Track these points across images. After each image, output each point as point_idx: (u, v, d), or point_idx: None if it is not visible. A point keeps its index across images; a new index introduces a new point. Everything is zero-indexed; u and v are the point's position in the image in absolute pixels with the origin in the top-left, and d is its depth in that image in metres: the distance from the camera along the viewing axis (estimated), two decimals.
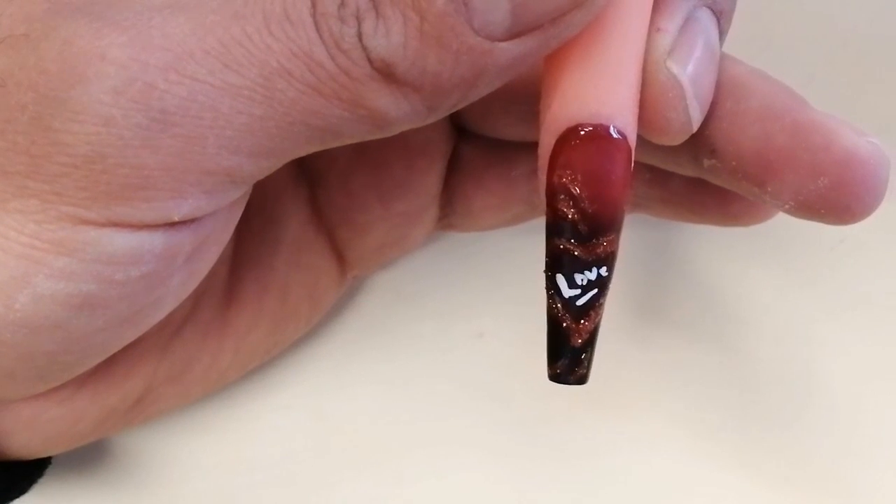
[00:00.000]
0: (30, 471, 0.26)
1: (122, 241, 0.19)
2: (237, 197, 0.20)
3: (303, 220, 0.28)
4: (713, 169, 0.22)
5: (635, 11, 0.20)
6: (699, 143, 0.22)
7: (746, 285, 0.30)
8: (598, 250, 0.20)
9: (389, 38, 0.18)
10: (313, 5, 0.18)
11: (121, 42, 0.18)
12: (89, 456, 0.29)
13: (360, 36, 0.18)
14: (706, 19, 0.21)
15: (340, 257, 0.29)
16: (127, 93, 0.18)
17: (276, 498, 0.30)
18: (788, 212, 0.22)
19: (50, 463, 0.26)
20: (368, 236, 0.28)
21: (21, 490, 0.25)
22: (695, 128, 0.21)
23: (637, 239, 0.30)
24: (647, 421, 0.30)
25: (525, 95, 0.24)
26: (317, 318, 0.29)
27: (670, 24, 0.21)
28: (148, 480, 0.30)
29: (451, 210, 0.29)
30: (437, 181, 0.28)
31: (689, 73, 0.20)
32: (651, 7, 0.20)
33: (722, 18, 0.22)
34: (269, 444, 0.30)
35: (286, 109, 0.18)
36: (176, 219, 0.19)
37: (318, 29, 0.18)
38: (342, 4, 0.18)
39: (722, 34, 0.22)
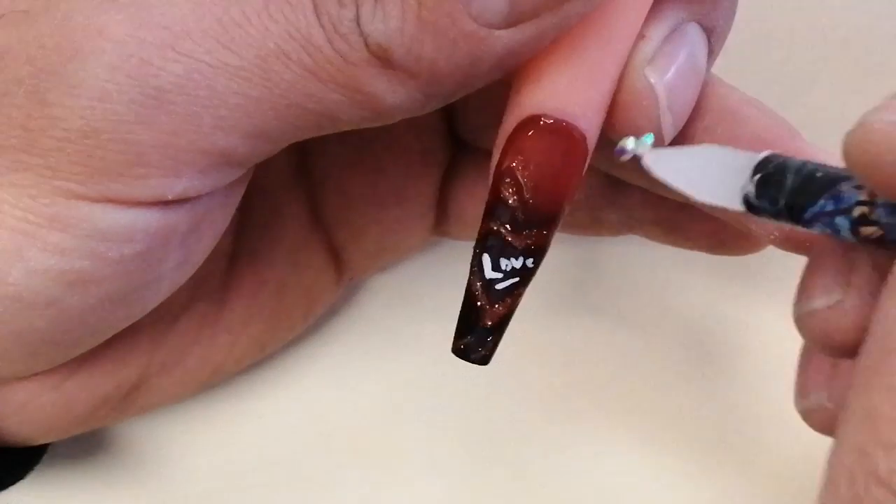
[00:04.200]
0: (25, 458, 0.25)
1: (116, 217, 0.19)
2: (233, 180, 0.20)
3: (302, 220, 0.28)
4: None
5: (627, 19, 0.20)
6: None
7: (745, 285, 0.30)
8: (530, 241, 0.20)
9: (387, 22, 0.18)
10: None
11: (119, 19, 0.18)
12: (87, 448, 0.29)
13: (358, 20, 0.18)
14: (694, 33, 0.21)
15: (337, 259, 0.29)
16: (123, 68, 0.18)
17: (275, 498, 0.29)
18: (773, 243, 0.22)
19: (46, 451, 0.26)
20: (365, 240, 0.28)
21: (17, 476, 0.25)
22: (666, 140, 0.21)
23: (635, 244, 0.30)
24: (647, 421, 0.30)
25: None
26: (312, 319, 0.29)
27: (655, 32, 0.21)
28: (146, 479, 0.30)
29: (445, 218, 0.29)
30: (434, 189, 0.28)
31: (667, 83, 0.20)
32: (643, 19, 0.20)
33: (712, 36, 0.22)
34: (268, 444, 0.30)
35: (282, 92, 0.19)
36: (170, 197, 0.19)
37: (316, 12, 0.18)
38: None
39: (712, 53, 0.22)
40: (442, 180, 0.28)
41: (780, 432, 0.29)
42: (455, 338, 0.22)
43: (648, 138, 0.20)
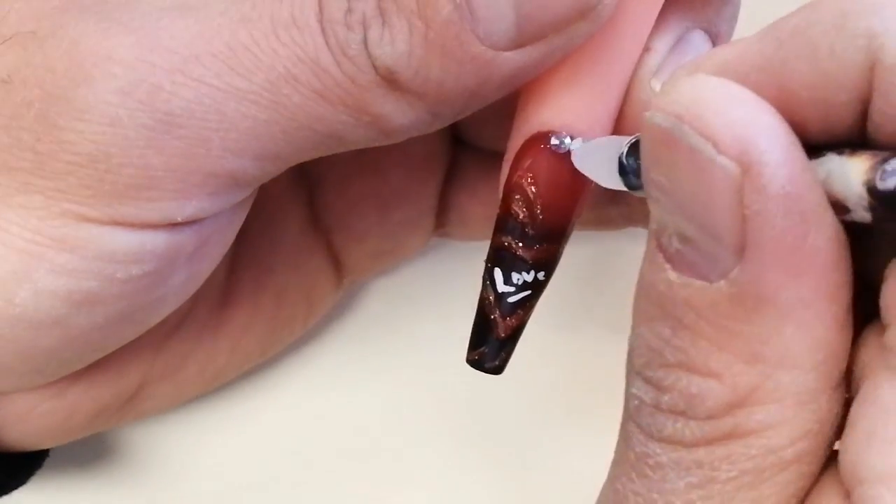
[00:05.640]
0: (27, 463, 0.26)
1: (124, 239, 0.19)
2: (241, 199, 0.20)
3: (302, 224, 0.28)
4: None
5: (632, 33, 0.20)
6: None
7: None
8: (540, 255, 0.21)
9: (395, 45, 0.18)
10: (320, 11, 0.18)
11: (128, 43, 0.18)
12: (88, 451, 0.29)
13: (365, 43, 0.18)
14: (699, 42, 0.21)
15: (337, 262, 0.29)
16: (133, 94, 0.18)
17: (276, 498, 0.30)
18: None
19: (47, 455, 0.26)
20: (365, 243, 0.28)
21: (19, 482, 0.25)
22: None
23: (639, 245, 0.30)
24: None
25: None
26: (312, 322, 0.29)
27: (660, 44, 0.21)
28: (148, 482, 0.30)
29: (446, 219, 0.29)
30: (435, 191, 0.28)
31: None
32: (648, 33, 0.21)
33: (717, 42, 0.22)
34: (269, 446, 0.30)
35: (291, 114, 0.19)
36: (179, 219, 0.19)
37: (324, 35, 0.18)
38: (349, 11, 0.18)
39: None
40: (443, 181, 0.28)
41: None
42: (469, 349, 0.22)
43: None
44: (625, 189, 0.19)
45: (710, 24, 0.22)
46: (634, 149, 0.19)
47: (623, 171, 0.19)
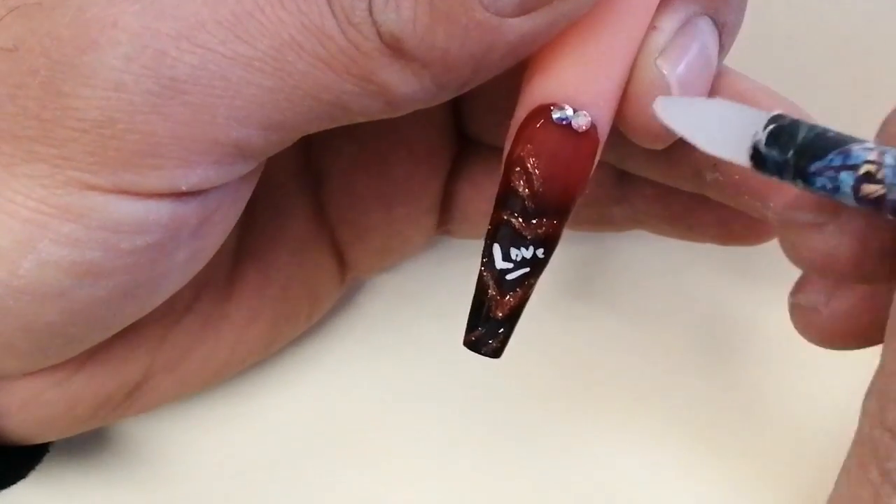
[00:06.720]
0: (28, 456, 0.25)
1: (129, 208, 0.19)
2: (246, 172, 0.20)
3: (306, 219, 0.28)
4: (716, 183, 0.22)
5: (638, 9, 0.20)
6: (702, 156, 0.22)
7: (754, 281, 0.30)
8: (540, 231, 0.20)
9: (399, 12, 0.18)
10: None
11: (133, 10, 0.18)
12: (89, 446, 0.29)
13: (370, 10, 0.18)
14: (706, 27, 0.21)
15: (341, 258, 0.29)
16: (139, 59, 0.18)
17: (276, 498, 0.29)
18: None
19: (48, 450, 0.26)
20: (369, 238, 0.28)
21: (19, 475, 0.25)
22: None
23: (638, 248, 0.30)
24: (653, 420, 0.30)
25: None
26: (316, 317, 0.29)
27: (667, 24, 0.21)
28: (148, 478, 0.29)
29: (449, 216, 0.29)
30: (439, 187, 0.28)
31: (679, 74, 0.20)
32: (654, 10, 0.20)
33: (724, 31, 0.22)
34: (270, 443, 0.30)
35: (296, 82, 0.19)
36: (183, 188, 0.19)
37: (329, 2, 0.18)
38: None
39: (723, 48, 0.22)
40: (447, 178, 0.28)
41: (788, 430, 0.29)
42: (466, 330, 0.22)
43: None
44: (740, 163, 0.18)
45: (717, 13, 0.21)
46: (776, 138, 0.18)
47: (759, 159, 0.18)
